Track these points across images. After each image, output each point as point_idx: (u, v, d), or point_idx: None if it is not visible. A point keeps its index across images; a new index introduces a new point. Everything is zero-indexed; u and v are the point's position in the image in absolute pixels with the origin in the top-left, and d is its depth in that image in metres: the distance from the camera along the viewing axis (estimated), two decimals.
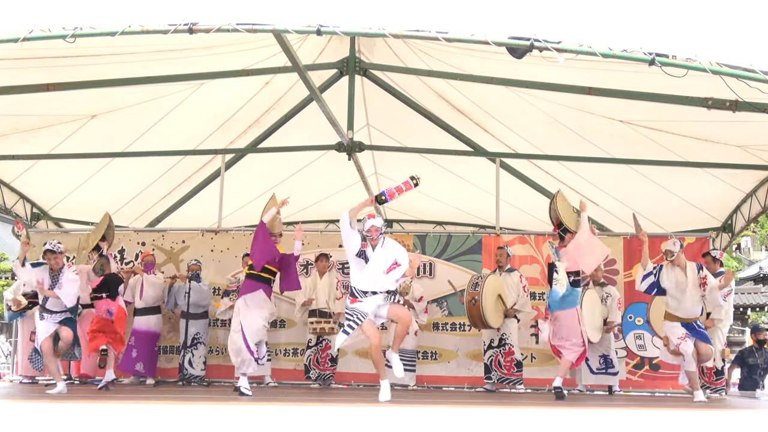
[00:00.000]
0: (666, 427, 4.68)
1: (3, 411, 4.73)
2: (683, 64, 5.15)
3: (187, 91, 8.91)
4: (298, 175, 11.34)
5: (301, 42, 8.05)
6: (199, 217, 11.64)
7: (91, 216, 11.83)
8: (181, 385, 9.38)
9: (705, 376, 8.65)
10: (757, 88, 5.48)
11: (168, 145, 10.06)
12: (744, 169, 9.18)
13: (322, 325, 9.41)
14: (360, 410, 4.89)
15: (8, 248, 25.43)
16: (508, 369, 9.11)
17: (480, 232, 11.23)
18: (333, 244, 10.41)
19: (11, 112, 8.64)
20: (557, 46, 5.13)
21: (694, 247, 9.98)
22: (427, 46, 8.08)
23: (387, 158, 11.16)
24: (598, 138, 9.30)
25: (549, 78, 7.78)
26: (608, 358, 9.23)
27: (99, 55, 7.14)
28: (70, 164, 10.29)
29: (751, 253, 35.72)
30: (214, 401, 5.94)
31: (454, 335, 10.07)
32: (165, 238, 10.72)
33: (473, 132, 10.00)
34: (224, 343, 10.13)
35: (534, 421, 4.74)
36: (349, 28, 5.37)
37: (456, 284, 9.75)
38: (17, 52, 6.60)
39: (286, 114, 9.95)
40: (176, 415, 4.68)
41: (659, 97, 7.37)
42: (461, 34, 5.24)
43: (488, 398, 7.78)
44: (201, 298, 9.61)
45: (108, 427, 4.39)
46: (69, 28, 5.17)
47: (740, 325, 23.83)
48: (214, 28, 5.15)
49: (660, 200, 10.49)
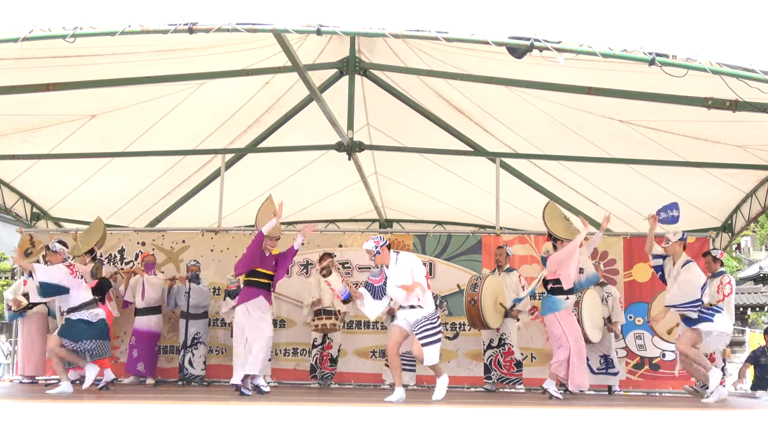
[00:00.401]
0: (666, 427, 4.69)
1: (3, 411, 4.73)
2: (683, 64, 5.15)
3: (187, 91, 8.91)
4: (298, 175, 11.34)
5: (301, 42, 8.05)
6: (199, 217, 11.63)
7: (92, 216, 11.84)
8: (181, 385, 9.39)
9: None
10: (757, 88, 5.48)
11: (168, 145, 10.06)
12: (744, 169, 9.18)
13: (324, 321, 9.41)
14: (360, 410, 4.90)
15: (8, 248, 25.40)
16: (508, 369, 9.11)
17: (480, 232, 11.23)
18: (333, 243, 10.42)
19: (11, 112, 8.64)
20: (557, 46, 5.13)
21: (694, 247, 9.96)
22: (427, 46, 8.08)
23: (387, 158, 11.16)
24: (598, 138, 9.30)
25: (549, 78, 7.78)
26: (608, 358, 9.24)
27: (99, 55, 7.14)
28: (70, 164, 10.29)
29: (751, 253, 35.73)
30: (214, 401, 5.94)
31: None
32: (165, 238, 10.72)
33: (473, 132, 10.00)
34: (224, 342, 10.17)
35: (534, 421, 4.74)
36: (349, 28, 5.37)
37: (463, 286, 9.77)
38: (17, 52, 6.60)
39: (286, 114, 9.95)
40: (176, 415, 4.68)
41: (659, 97, 7.37)
42: (461, 34, 5.24)
43: (488, 398, 7.78)
44: (201, 299, 9.61)
45: (108, 427, 4.39)
46: (69, 28, 5.16)
47: (740, 325, 23.83)
48: (214, 28, 5.14)
49: (660, 200, 10.42)
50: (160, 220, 12.04)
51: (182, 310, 9.59)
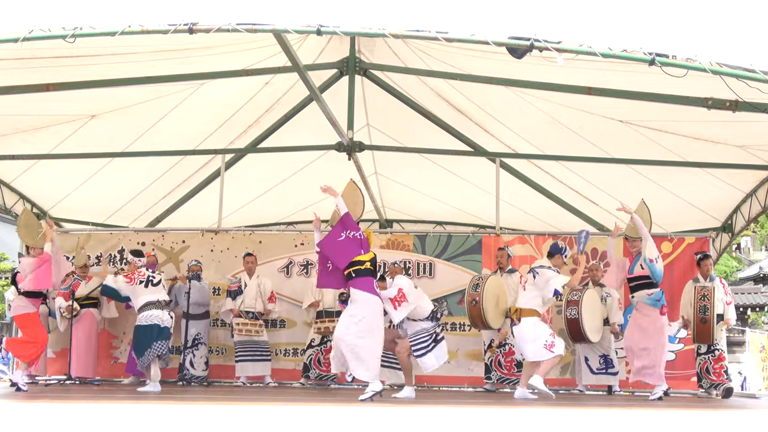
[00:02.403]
0: (666, 427, 4.68)
1: (3, 411, 4.73)
2: (683, 64, 5.15)
3: (187, 91, 8.91)
4: (298, 175, 11.34)
5: (301, 42, 8.05)
6: (199, 217, 11.63)
7: (91, 216, 11.86)
8: (181, 386, 9.38)
9: (712, 375, 8.68)
10: (757, 88, 5.49)
11: (168, 145, 10.05)
12: (744, 169, 9.18)
13: (327, 324, 9.41)
14: (360, 410, 4.90)
15: (8, 248, 25.41)
16: (508, 369, 9.11)
17: (480, 232, 11.23)
18: None
19: (11, 112, 8.63)
20: (557, 46, 5.13)
21: (694, 247, 9.99)
22: (427, 46, 8.07)
23: (387, 158, 11.15)
24: (598, 138, 9.29)
25: (549, 78, 7.77)
26: (608, 358, 9.24)
27: (99, 55, 7.14)
28: (70, 164, 10.29)
29: (751, 253, 35.75)
30: (214, 401, 5.94)
31: (454, 335, 10.05)
32: (165, 238, 10.71)
33: (473, 132, 9.99)
34: (225, 343, 10.17)
35: (534, 421, 4.74)
36: (349, 28, 5.37)
37: (457, 285, 9.79)
38: (17, 52, 6.59)
39: (286, 114, 9.94)
40: (176, 415, 4.68)
41: (659, 97, 7.36)
42: (461, 34, 5.24)
43: (488, 398, 7.78)
44: (201, 297, 9.61)
45: (108, 427, 4.39)
46: (69, 28, 5.16)
47: (740, 325, 23.84)
48: (214, 28, 5.15)
49: (660, 200, 10.47)
50: (160, 220, 12.04)
51: (183, 309, 9.58)
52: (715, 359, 8.68)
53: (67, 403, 5.40)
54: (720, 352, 8.72)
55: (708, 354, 8.72)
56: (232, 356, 9.91)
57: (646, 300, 7.84)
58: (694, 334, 8.60)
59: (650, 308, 7.81)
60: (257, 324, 9.59)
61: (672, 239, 10.10)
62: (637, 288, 7.95)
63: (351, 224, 6.71)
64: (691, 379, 9.54)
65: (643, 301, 7.86)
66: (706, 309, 8.36)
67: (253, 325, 9.55)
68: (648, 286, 7.81)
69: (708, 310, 8.35)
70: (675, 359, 9.80)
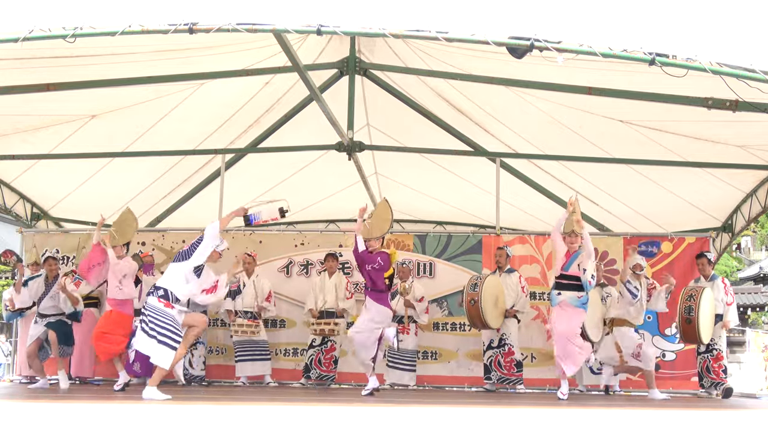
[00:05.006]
0: (666, 427, 4.68)
1: (3, 411, 4.72)
2: (683, 64, 5.15)
3: (187, 91, 8.91)
4: (298, 175, 11.34)
5: (301, 42, 8.05)
6: (199, 217, 11.61)
7: (91, 216, 11.84)
8: (181, 386, 9.37)
9: (712, 373, 8.72)
10: (757, 88, 5.49)
11: (168, 145, 10.05)
12: (744, 169, 9.19)
13: (322, 326, 9.41)
14: (360, 410, 4.89)
15: (8, 248, 25.38)
16: (508, 369, 9.11)
17: (480, 232, 11.23)
18: (333, 244, 10.42)
19: (11, 112, 8.64)
20: (557, 46, 5.13)
21: (694, 247, 9.99)
22: (427, 46, 8.07)
23: (387, 158, 11.16)
24: (598, 138, 9.30)
25: (549, 78, 7.78)
26: None
27: (99, 55, 7.14)
28: (70, 164, 10.29)
29: (751, 253, 35.72)
30: (214, 401, 5.94)
31: (454, 335, 10.08)
32: (165, 238, 10.72)
33: (473, 132, 9.99)
34: (224, 343, 10.17)
35: (534, 421, 4.74)
36: (349, 28, 5.37)
37: (457, 285, 9.78)
38: (17, 52, 6.59)
39: (286, 114, 9.94)
40: (176, 415, 4.68)
41: (659, 97, 7.37)
42: (461, 34, 5.24)
43: (488, 398, 7.78)
44: None
45: (108, 427, 4.39)
46: (69, 28, 5.16)
47: (740, 325, 23.83)
48: (214, 28, 5.14)
49: (660, 200, 10.49)
50: (160, 220, 12.04)
51: None
52: (714, 358, 8.76)
53: (67, 403, 5.40)
54: (718, 352, 8.81)
55: (707, 353, 8.80)
56: (231, 356, 9.91)
57: (575, 302, 7.39)
58: (681, 334, 8.66)
59: (576, 308, 7.41)
60: (256, 324, 9.59)
61: (672, 239, 10.10)
62: (568, 287, 7.41)
63: (370, 261, 7.42)
64: (691, 378, 9.55)
65: (572, 302, 7.39)
66: (691, 309, 8.38)
67: (250, 326, 9.55)
68: (578, 289, 7.36)
69: (693, 311, 8.37)
70: (675, 359, 9.81)
